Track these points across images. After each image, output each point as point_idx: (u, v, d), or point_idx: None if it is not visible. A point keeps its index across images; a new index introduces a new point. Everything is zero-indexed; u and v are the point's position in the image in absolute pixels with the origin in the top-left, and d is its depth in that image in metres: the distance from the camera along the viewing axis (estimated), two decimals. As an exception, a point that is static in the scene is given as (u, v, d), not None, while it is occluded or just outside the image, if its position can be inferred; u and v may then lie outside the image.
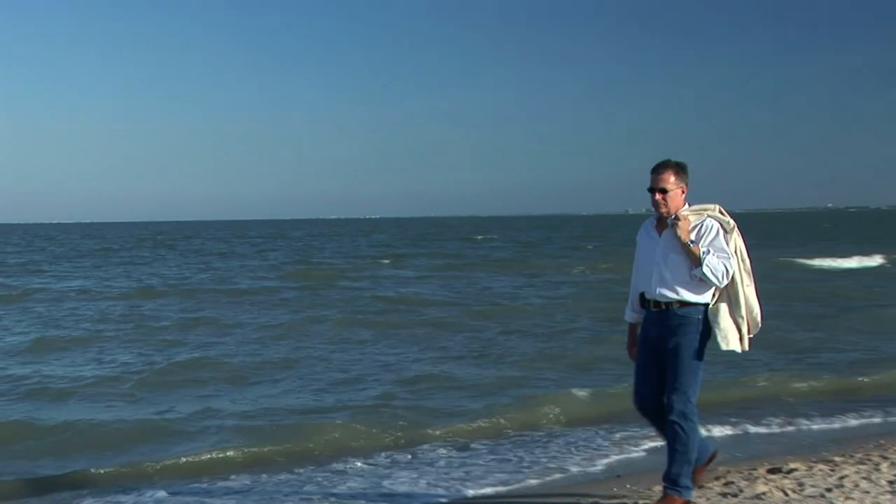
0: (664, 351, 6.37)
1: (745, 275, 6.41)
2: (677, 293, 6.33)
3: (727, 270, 6.26)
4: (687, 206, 6.43)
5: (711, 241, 6.30)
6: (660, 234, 6.45)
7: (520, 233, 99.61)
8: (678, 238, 6.30)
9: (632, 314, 6.65)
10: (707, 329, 6.35)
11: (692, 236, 6.31)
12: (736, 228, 6.41)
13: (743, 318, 6.39)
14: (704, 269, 6.22)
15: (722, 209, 6.46)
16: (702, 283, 6.31)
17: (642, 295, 6.51)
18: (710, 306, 6.35)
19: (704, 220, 6.36)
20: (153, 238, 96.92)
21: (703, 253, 6.24)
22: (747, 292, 6.41)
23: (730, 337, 6.34)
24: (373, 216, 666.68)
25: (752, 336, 6.50)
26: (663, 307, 6.36)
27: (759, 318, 6.48)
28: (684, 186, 6.41)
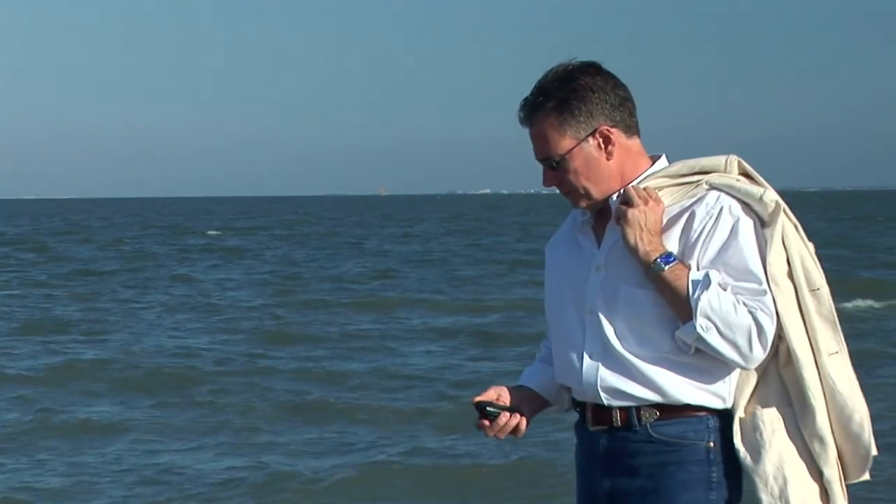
0: None
1: (820, 327, 2.68)
2: (650, 387, 2.70)
3: (759, 327, 2.59)
4: (660, 165, 2.79)
5: (719, 251, 2.64)
6: (599, 241, 2.81)
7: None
8: (631, 248, 2.68)
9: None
10: (731, 473, 2.73)
11: (669, 242, 2.69)
12: (786, 212, 2.69)
13: (824, 441, 2.66)
14: (699, 325, 2.59)
15: (746, 165, 2.76)
16: (705, 357, 2.67)
17: (569, 390, 2.89)
18: (737, 416, 2.71)
19: (704, 198, 2.70)
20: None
21: (695, 285, 2.62)
22: (834, 373, 2.68)
23: (793, 493, 2.64)
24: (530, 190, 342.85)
25: (855, 481, 2.78)
26: (618, 422, 2.74)
27: (867, 436, 2.70)
28: (607, 130, 2.70)
